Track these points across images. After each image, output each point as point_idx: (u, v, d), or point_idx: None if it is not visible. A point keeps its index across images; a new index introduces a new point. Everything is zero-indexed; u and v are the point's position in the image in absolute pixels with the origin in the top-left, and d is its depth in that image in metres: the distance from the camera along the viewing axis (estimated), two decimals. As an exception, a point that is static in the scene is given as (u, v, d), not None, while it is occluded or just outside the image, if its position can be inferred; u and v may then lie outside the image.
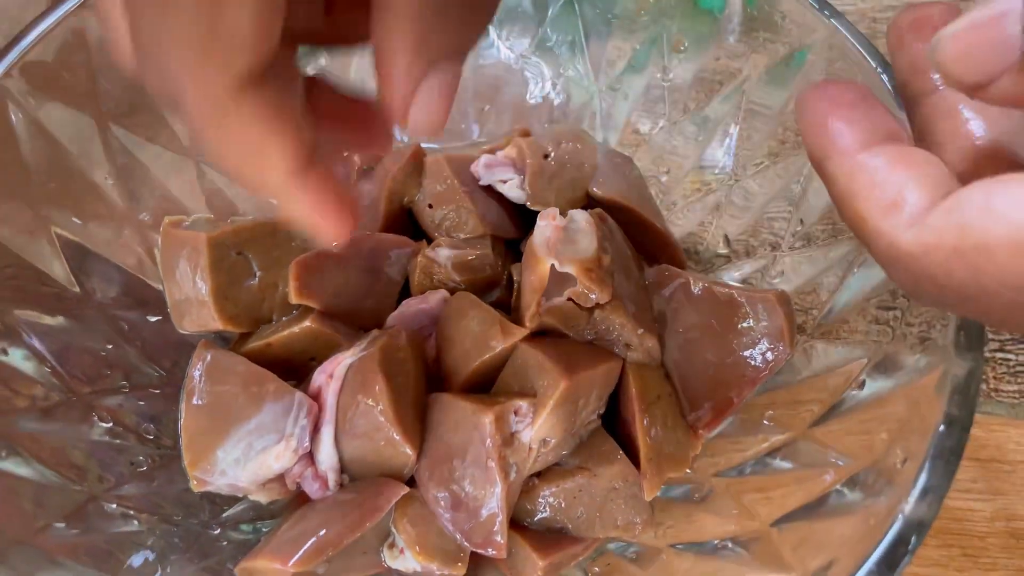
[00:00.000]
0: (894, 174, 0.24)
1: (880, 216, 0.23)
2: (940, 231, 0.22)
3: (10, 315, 0.38)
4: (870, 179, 0.24)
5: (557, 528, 0.39)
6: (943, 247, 0.21)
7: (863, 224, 0.24)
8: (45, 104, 0.40)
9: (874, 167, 0.24)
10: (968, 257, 0.21)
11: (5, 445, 0.35)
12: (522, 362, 0.39)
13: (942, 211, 0.22)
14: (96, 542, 0.36)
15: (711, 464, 0.42)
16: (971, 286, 0.21)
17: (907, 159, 0.24)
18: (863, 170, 0.24)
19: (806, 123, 0.27)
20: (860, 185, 0.24)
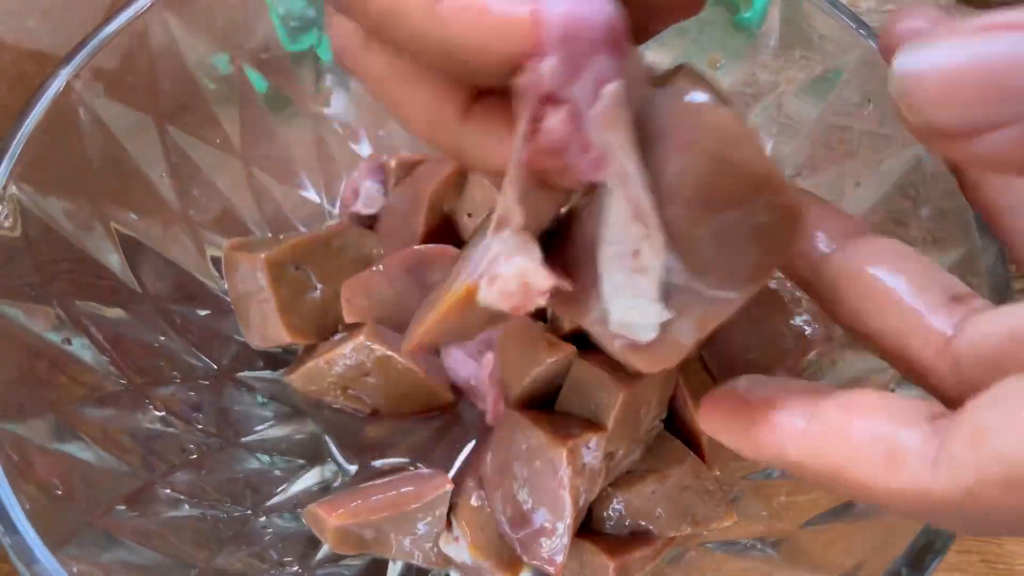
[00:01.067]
0: (867, 427, 0.21)
1: (884, 473, 0.20)
2: (979, 469, 0.18)
3: (73, 306, 0.40)
4: (843, 450, 0.21)
5: (640, 530, 0.41)
6: (990, 483, 0.18)
7: (860, 486, 0.21)
8: (108, 104, 0.42)
9: (838, 431, 0.21)
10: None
11: (69, 430, 0.36)
12: (580, 378, 0.40)
13: (966, 445, 0.19)
14: (152, 526, 0.37)
15: (740, 467, 0.43)
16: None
17: (857, 407, 0.21)
18: (824, 438, 0.21)
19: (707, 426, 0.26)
20: (837, 457, 0.21)
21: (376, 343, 0.43)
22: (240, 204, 0.49)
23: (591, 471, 0.38)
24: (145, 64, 0.43)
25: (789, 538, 0.38)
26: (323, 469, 0.47)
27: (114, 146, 0.43)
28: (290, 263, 0.45)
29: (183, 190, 0.47)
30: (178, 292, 0.46)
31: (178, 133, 0.46)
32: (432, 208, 0.48)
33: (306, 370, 0.45)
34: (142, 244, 0.44)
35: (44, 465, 0.33)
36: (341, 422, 0.47)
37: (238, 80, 0.48)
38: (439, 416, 0.47)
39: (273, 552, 0.42)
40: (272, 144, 0.51)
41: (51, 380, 0.38)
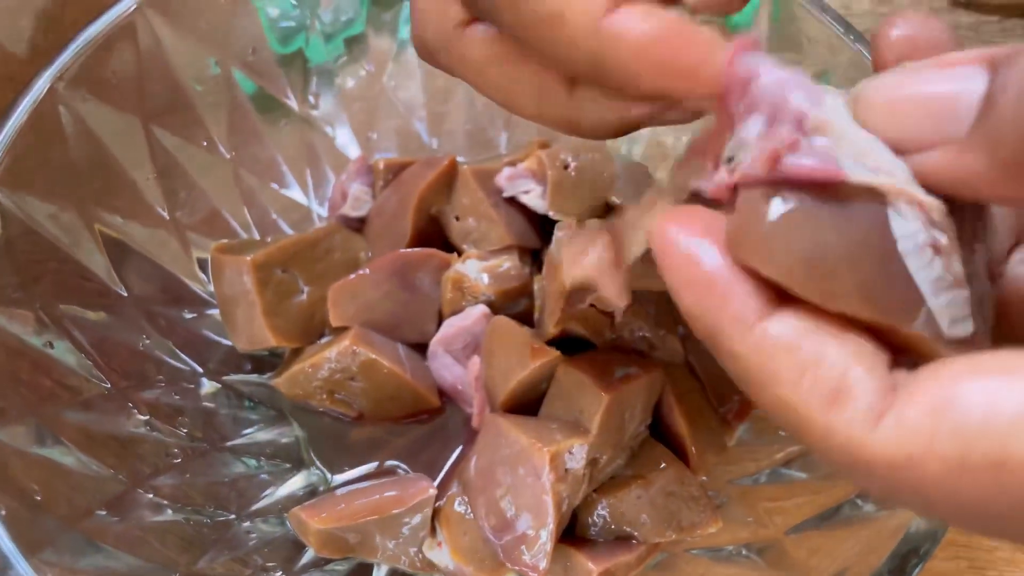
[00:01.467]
0: (824, 350, 0.19)
1: (823, 410, 0.18)
2: (930, 439, 0.17)
3: (56, 309, 0.39)
4: (792, 359, 0.19)
5: (625, 536, 0.41)
6: (938, 459, 0.17)
7: (792, 414, 0.19)
8: (93, 106, 0.42)
9: (791, 342, 0.19)
10: (982, 475, 0.17)
11: (49, 433, 0.36)
12: (564, 383, 0.40)
13: (924, 411, 0.17)
14: (133, 530, 0.37)
15: (726, 472, 0.43)
16: (988, 505, 0.17)
17: (828, 325, 0.19)
18: (777, 347, 0.19)
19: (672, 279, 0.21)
20: (780, 367, 0.19)
21: (362, 347, 0.43)
22: (227, 206, 0.49)
23: (574, 477, 0.38)
24: (131, 65, 0.43)
25: (774, 544, 0.38)
26: (309, 473, 0.46)
27: (99, 148, 0.43)
28: (277, 266, 0.45)
29: (169, 192, 0.46)
30: (163, 294, 0.46)
31: (164, 135, 0.46)
32: (420, 210, 0.48)
33: (292, 374, 0.45)
34: (127, 246, 0.44)
35: (23, 470, 0.33)
36: (327, 426, 0.46)
37: (225, 82, 0.48)
38: (425, 420, 0.47)
39: (257, 557, 0.42)
40: (259, 146, 0.51)
41: (33, 384, 0.38)
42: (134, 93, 0.44)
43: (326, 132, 0.53)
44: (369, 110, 0.54)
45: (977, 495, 0.17)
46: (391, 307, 0.46)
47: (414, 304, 0.47)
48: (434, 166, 0.48)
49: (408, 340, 0.47)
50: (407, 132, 0.55)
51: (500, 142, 0.56)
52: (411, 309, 0.47)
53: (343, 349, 0.43)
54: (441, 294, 0.47)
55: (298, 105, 0.51)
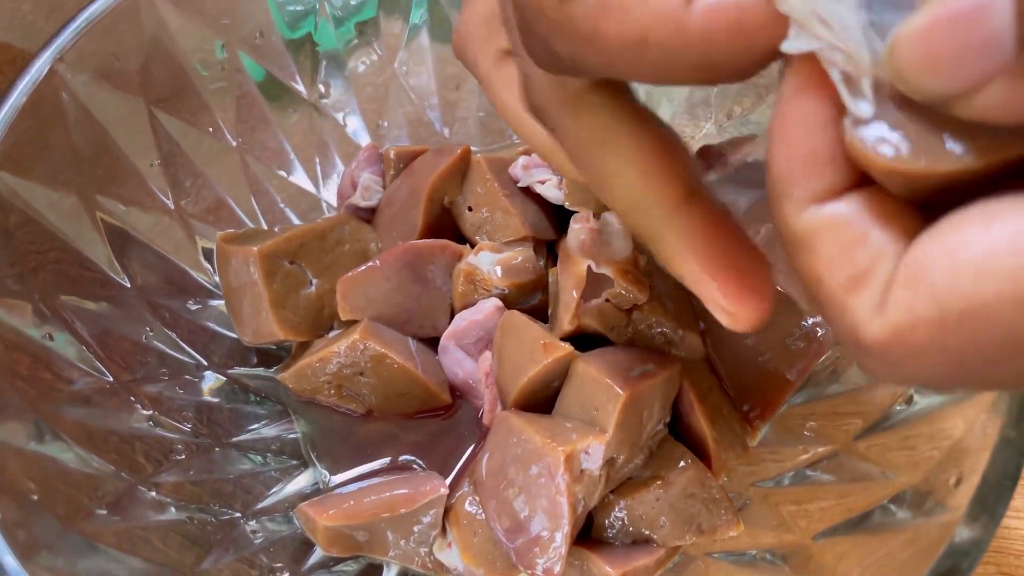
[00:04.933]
0: (866, 235, 0.19)
1: (844, 290, 0.19)
2: (911, 309, 0.18)
3: (56, 300, 0.38)
4: (836, 236, 0.20)
5: (643, 539, 0.39)
6: (921, 325, 0.18)
7: (819, 288, 0.20)
8: (95, 89, 0.40)
9: (843, 222, 0.20)
10: (961, 330, 0.17)
11: (48, 430, 0.35)
12: (579, 380, 0.38)
13: (903, 286, 0.18)
14: (135, 530, 0.36)
15: (749, 473, 0.41)
16: (975, 357, 0.18)
17: (882, 211, 0.20)
18: (829, 224, 0.20)
19: (778, 130, 0.21)
20: (823, 243, 0.20)
21: (372, 341, 0.42)
22: (233, 195, 0.48)
23: (590, 478, 0.36)
24: (134, 48, 0.42)
25: (800, 550, 0.36)
26: (317, 470, 0.45)
27: (101, 133, 0.41)
28: (284, 256, 0.44)
29: (173, 179, 0.45)
30: (167, 285, 0.45)
31: (169, 120, 0.44)
32: (432, 200, 0.46)
33: (299, 368, 0.44)
34: (130, 235, 0.43)
35: (19, 469, 0.32)
36: (334, 422, 0.45)
37: (232, 67, 0.47)
38: (436, 417, 0.45)
39: (263, 556, 0.40)
40: (267, 133, 0.49)
41: (32, 377, 0.36)
42: (137, 76, 0.42)
43: (336, 119, 0.52)
44: (379, 97, 0.53)
45: (963, 350, 0.18)
46: (402, 300, 0.45)
47: (425, 297, 0.45)
48: (446, 155, 0.47)
49: (419, 334, 0.45)
50: (418, 120, 0.54)
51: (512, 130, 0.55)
52: (422, 302, 0.45)
53: (352, 343, 0.42)
54: (453, 287, 0.45)
55: (307, 91, 0.50)
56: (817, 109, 0.19)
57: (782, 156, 0.20)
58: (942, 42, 0.17)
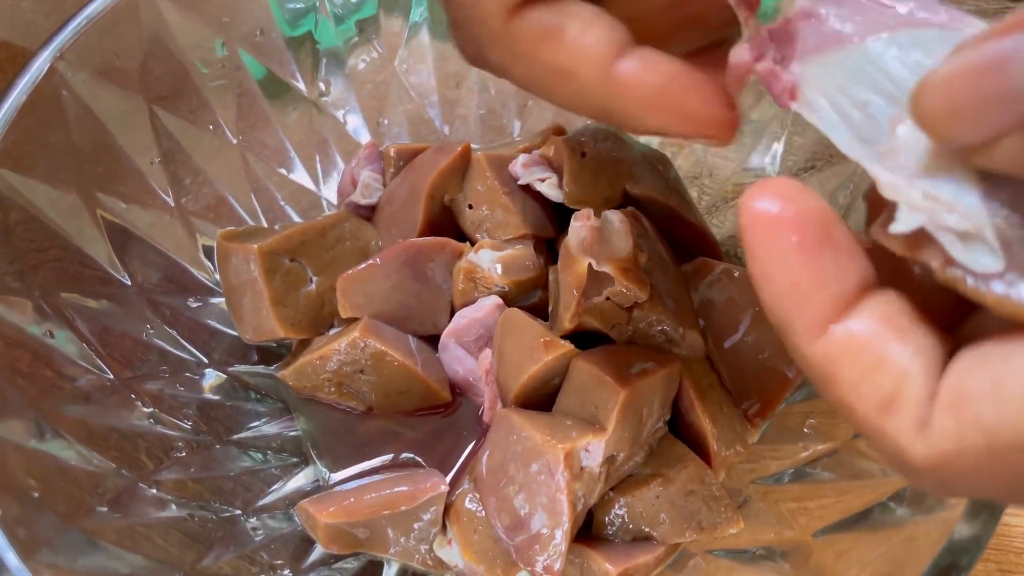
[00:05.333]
0: (884, 356, 0.19)
1: (877, 415, 0.19)
2: (958, 436, 0.18)
3: (56, 298, 0.38)
4: (854, 364, 0.19)
5: (643, 537, 0.39)
6: (970, 452, 0.18)
7: (852, 415, 0.20)
8: (95, 87, 0.40)
9: (856, 345, 0.19)
10: (1012, 458, 0.17)
11: (49, 427, 0.35)
12: (579, 378, 0.39)
13: (946, 410, 0.18)
14: (136, 528, 0.36)
15: (749, 471, 0.42)
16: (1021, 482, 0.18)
17: (895, 325, 0.20)
18: (842, 352, 0.20)
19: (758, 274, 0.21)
20: (843, 371, 0.20)
21: (372, 339, 0.42)
22: (234, 192, 0.48)
23: (590, 475, 0.36)
24: (134, 45, 0.42)
25: (800, 547, 0.36)
26: (318, 468, 0.45)
27: (101, 131, 0.41)
28: (285, 254, 0.44)
29: (174, 177, 0.45)
30: (168, 283, 0.45)
31: (169, 118, 0.44)
32: (432, 198, 0.46)
33: (299, 366, 0.44)
34: (130, 233, 0.43)
35: (20, 466, 0.32)
36: (334, 420, 0.45)
37: (232, 64, 0.47)
38: (437, 415, 0.45)
39: (264, 554, 0.40)
40: (267, 131, 0.49)
41: (32, 375, 0.36)
42: (138, 74, 0.42)
43: (336, 117, 0.52)
44: (380, 95, 0.53)
45: (1012, 474, 0.18)
46: (402, 298, 0.45)
47: (425, 295, 0.45)
48: (447, 152, 0.46)
49: (419, 332, 0.45)
50: (419, 117, 0.54)
51: (513, 128, 0.55)
52: (422, 300, 0.45)
53: (352, 341, 0.42)
54: (453, 285, 0.45)
55: (307, 89, 0.50)
56: (787, 239, 0.20)
57: (769, 294, 0.20)
58: (965, 91, 0.17)
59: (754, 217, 0.20)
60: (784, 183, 0.20)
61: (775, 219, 0.20)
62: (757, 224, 0.20)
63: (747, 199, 0.20)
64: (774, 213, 0.20)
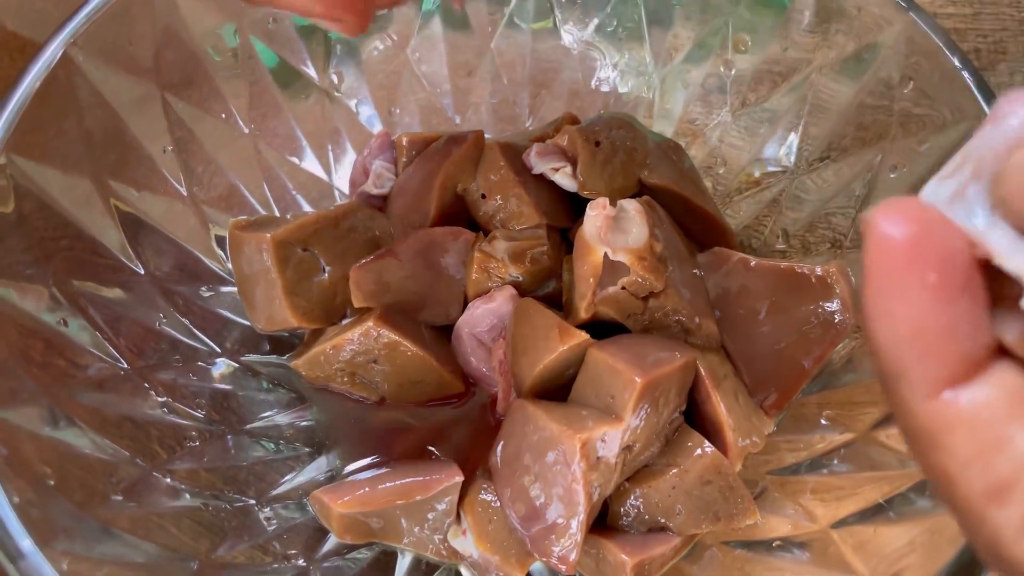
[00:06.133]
0: (1008, 439, 0.17)
1: (983, 500, 0.17)
2: None
3: (69, 286, 0.38)
4: (972, 438, 0.17)
5: (659, 527, 0.39)
6: None
7: (951, 489, 0.18)
8: (108, 73, 0.40)
9: (978, 420, 0.17)
10: None
11: (63, 415, 0.35)
12: (595, 367, 0.38)
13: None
14: (150, 517, 0.36)
15: (764, 462, 0.41)
16: None
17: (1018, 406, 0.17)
18: (961, 420, 0.17)
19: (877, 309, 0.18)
20: (956, 441, 0.17)
21: (385, 328, 0.42)
22: (245, 181, 0.48)
23: (606, 465, 0.36)
24: (147, 32, 0.41)
25: (818, 538, 0.36)
26: (330, 457, 0.45)
27: (114, 118, 0.41)
28: (298, 244, 0.44)
29: (186, 166, 0.45)
30: (180, 272, 0.44)
31: (181, 105, 0.44)
32: (444, 188, 0.46)
33: (312, 355, 0.44)
34: (142, 221, 0.43)
35: (36, 454, 0.32)
36: (348, 409, 0.45)
37: (245, 53, 0.46)
38: (451, 405, 0.45)
39: (277, 544, 0.40)
40: (279, 120, 0.49)
41: (46, 363, 0.36)
42: (150, 62, 0.42)
43: (348, 106, 0.51)
44: (392, 83, 0.52)
45: None
46: (415, 288, 0.44)
47: (439, 285, 0.45)
48: (460, 142, 0.46)
49: (432, 322, 0.45)
50: (430, 106, 0.53)
51: (526, 118, 0.54)
52: (436, 290, 0.45)
53: (366, 330, 0.42)
54: (466, 275, 0.45)
55: (319, 78, 0.50)
56: (921, 276, 0.17)
57: (889, 335, 0.18)
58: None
59: (886, 242, 0.17)
60: (924, 209, 0.18)
61: (912, 250, 0.17)
62: (888, 251, 0.17)
63: (879, 218, 0.18)
64: (912, 243, 0.17)
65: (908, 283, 0.17)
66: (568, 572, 0.36)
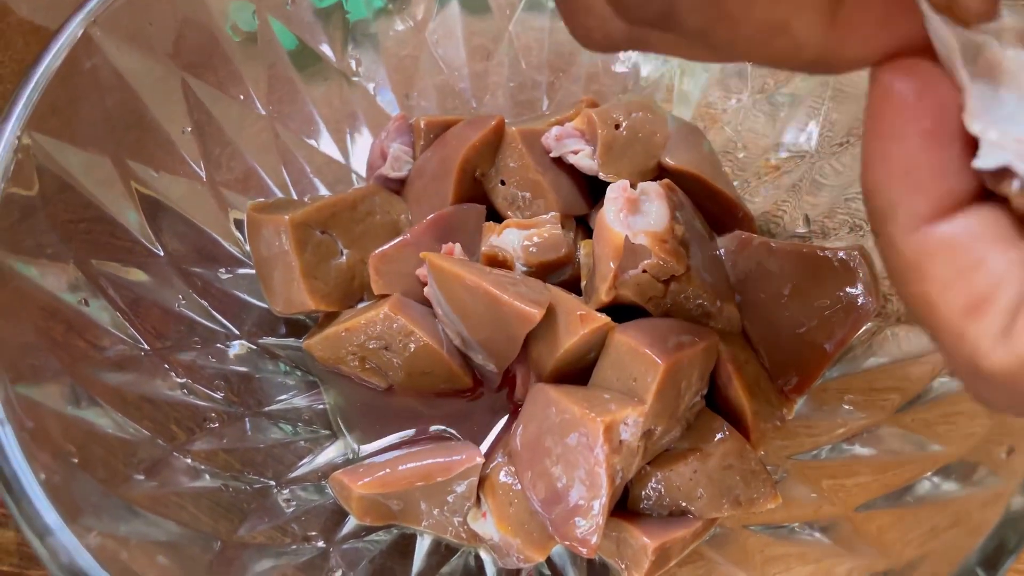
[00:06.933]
0: (984, 260, 0.19)
1: (961, 316, 0.19)
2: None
3: (90, 267, 0.38)
4: (951, 260, 0.19)
5: (679, 511, 0.39)
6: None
7: (933, 314, 0.19)
8: (128, 54, 0.40)
9: (958, 244, 0.19)
10: None
11: (85, 395, 0.35)
12: (616, 351, 0.38)
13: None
14: (171, 497, 0.36)
15: (785, 447, 0.41)
16: None
17: (999, 234, 0.19)
18: (941, 245, 0.19)
19: (874, 149, 0.20)
20: (937, 267, 0.19)
21: (400, 316, 0.42)
22: (263, 164, 0.48)
23: (628, 449, 0.36)
24: (167, 12, 0.41)
25: (840, 523, 0.36)
26: (348, 441, 0.45)
27: (133, 98, 0.41)
28: (316, 226, 0.43)
29: (205, 148, 0.45)
30: (199, 254, 0.44)
31: (201, 87, 0.44)
32: (463, 172, 0.46)
33: (325, 336, 0.43)
34: (162, 203, 0.43)
35: (59, 431, 0.32)
36: (361, 392, 0.45)
37: (264, 35, 0.46)
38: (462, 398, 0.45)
39: (296, 525, 0.40)
40: (297, 102, 0.49)
41: (67, 343, 0.36)
42: (170, 42, 0.42)
43: (366, 89, 0.51)
44: (410, 66, 0.52)
45: None
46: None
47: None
48: (480, 126, 0.46)
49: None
50: (448, 90, 0.53)
51: (543, 101, 0.54)
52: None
53: (380, 316, 0.42)
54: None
55: (337, 60, 0.49)
56: (918, 123, 0.19)
57: (883, 173, 0.19)
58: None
59: (888, 90, 0.19)
60: (929, 68, 0.19)
61: (912, 99, 0.19)
62: (889, 99, 0.19)
63: (885, 73, 0.19)
64: (912, 93, 0.19)
65: (905, 127, 0.19)
66: (589, 555, 0.36)
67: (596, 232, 0.42)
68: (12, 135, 0.35)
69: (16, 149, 0.35)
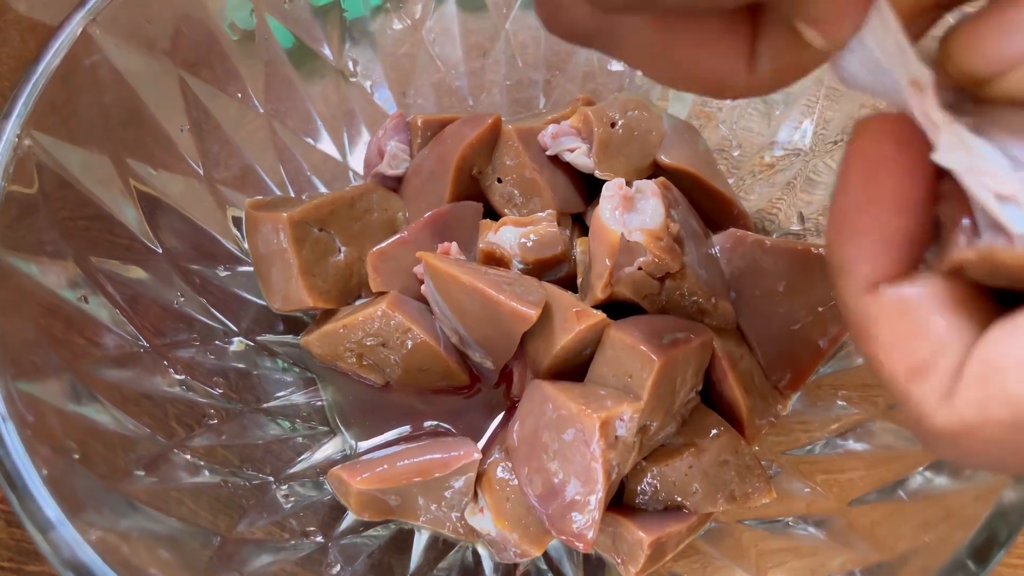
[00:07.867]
0: (926, 326, 0.19)
1: (905, 378, 0.19)
2: (981, 406, 0.18)
3: (89, 263, 0.38)
4: (895, 326, 0.20)
5: (675, 506, 0.39)
6: (992, 424, 0.18)
7: (880, 372, 0.20)
8: (126, 52, 0.40)
9: (902, 310, 0.19)
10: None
11: (85, 391, 0.35)
12: (612, 347, 0.38)
13: (974, 383, 0.18)
14: (171, 492, 0.36)
15: (779, 442, 0.42)
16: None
17: (944, 299, 0.19)
18: (886, 312, 0.20)
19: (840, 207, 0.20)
20: (883, 330, 0.20)
21: (397, 313, 0.42)
22: (261, 162, 0.48)
23: (624, 444, 0.36)
24: (166, 11, 0.41)
25: (834, 516, 0.36)
26: (345, 437, 0.45)
27: (132, 96, 0.41)
28: (314, 224, 0.44)
29: (203, 145, 0.45)
30: (197, 252, 0.45)
31: (199, 84, 0.44)
32: (460, 170, 0.46)
33: (322, 333, 0.44)
34: (160, 201, 0.43)
35: (60, 427, 0.32)
36: (359, 389, 0.45)
37: (262, 33, 0.46)
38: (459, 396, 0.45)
39: (294, 521, 0.41)
40: (294, 100, 0.49)
41: (67, 339, 0.36)
42: (168, 40, 0.42)
43: (363, 87, 0.51)
44: (407, 64, 0.52)
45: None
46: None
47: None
48: (476, 124, 0.46)
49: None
50: (445, 88, 0.53)
51: (539, 99, 0.54)
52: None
53: (378, 313, 0.42)
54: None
55: (334, 58, 0.50)
56: (886, 192, 0.20)
57: (838, 232, 0.20)
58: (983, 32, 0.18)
59: (856, 150, 0.20)
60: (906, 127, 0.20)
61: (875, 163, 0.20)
62: (856, 157, 0.20)
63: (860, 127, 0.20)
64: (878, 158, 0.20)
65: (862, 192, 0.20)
66: (586, 549, 0.36)
67: (592, 230, 0.42)
68: (12, 133, 0.35)
69: (16, 147, 0.35)
